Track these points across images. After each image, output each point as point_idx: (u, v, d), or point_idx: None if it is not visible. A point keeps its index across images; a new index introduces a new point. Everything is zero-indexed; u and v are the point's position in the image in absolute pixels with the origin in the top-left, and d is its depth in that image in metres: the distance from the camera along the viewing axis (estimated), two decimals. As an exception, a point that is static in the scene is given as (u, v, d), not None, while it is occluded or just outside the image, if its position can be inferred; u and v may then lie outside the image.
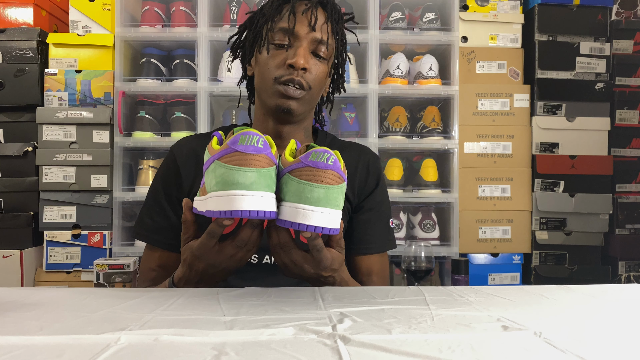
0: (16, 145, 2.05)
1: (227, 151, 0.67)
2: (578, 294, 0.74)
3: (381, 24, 2.13)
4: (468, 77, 2.19)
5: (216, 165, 0.68)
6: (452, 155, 2.12)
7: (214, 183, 0.68)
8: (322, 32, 0.97)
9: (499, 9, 2.22)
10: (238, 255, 0.78)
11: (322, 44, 0.97)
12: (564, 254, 2.18)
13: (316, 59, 0.98)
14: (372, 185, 1.07)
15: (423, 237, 2.09)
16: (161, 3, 2.12)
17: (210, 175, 0.69)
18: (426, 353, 0.47)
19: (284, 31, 0.96)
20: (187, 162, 1.03)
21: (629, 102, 2.25)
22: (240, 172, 0.66)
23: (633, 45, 2.26)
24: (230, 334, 0.52)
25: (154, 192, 1.05)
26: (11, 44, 2.06)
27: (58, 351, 0.46)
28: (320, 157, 0.68)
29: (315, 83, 0.98)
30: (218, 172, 0.67)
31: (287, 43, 0.96)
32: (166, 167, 1.06)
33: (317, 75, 0.98)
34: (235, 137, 0.67)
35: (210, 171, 0.69)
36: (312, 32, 0.96)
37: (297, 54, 0.95)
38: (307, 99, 0.98)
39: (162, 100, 2.15)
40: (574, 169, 2.18)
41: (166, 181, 1.04)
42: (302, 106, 0.98)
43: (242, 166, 0.66)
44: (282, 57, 0.96)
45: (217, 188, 0.67)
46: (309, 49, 0.97)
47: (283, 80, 0.95)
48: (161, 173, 1.06)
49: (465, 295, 0.73)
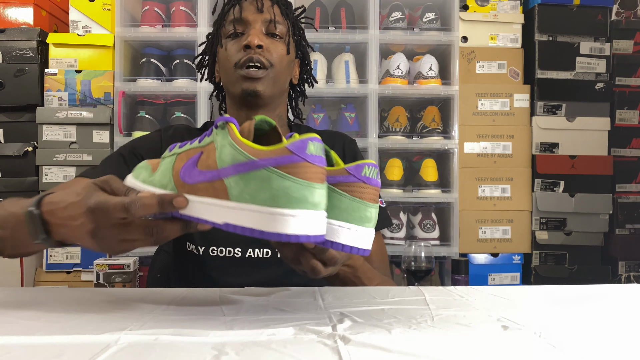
0: (16, 145, 2.04)
1: (291, 159, 0.53)
2: (578, 294, 0.74)
3: (381, 24, 2.13)
4: (468, 77, 2.19)
5: (271, 174, 0.53)
6: (452, 155, 2.12)
7: (265, 196, 0.54)
8: (271, 13, 1.00)
9: (499, 9, 2.22)
10: (132, 243, 0.61)
11: (273, 22, 1.00)
12: (564, 254, 2.18)
13: (272, 38, 1.00)
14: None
15: (423, 237, 2.09)
16: (161, 3, 2.12)
17: (254, 183, 0.54)
18: (426, 353, 0.47)
19: (234, 21, 0.99)
20: (169, 142, 1.02)
21: (629, 102, 2.25)
22: (309, 189, 0.53)
23: (633, 45, 2.26)
24: (230, 334, 0.52)
25: (121, 150, 1.04)
26: (11, 44, 2.06)
27: (58, 351, 0.46)
28: (371, 173, 0.60)
29: (276, 61, 0.99)
30: (276, 185, 0.53)
31: (240, 31, 1.00)
32: (149, 138, 1.07)
33: (276, 53, 0.99)
34: (300, 142, 0.54)
35: (257, 179, 0.54)
36: (260, 14, 0.99)
37: (250, 34, 0.97)
38: (272, 77, 0.99)
39: (162, 100, 2.15)
40: (574, 169, 2.18)
41: (144, 147, 1.04)
42: (267, 86, 0.98)
43: (311, 181, 0.54)
44: (238, 44, 0.99)
45: (270, 203, 0.53)
46: (262, 30, 0.99)
47: (242, 62, 0.96)
48: (139, 141, 1.06)
49: (465, 295, 0.73)
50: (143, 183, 0.64)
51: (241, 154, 0.55)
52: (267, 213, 0.53)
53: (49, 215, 0.63)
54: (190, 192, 0.59)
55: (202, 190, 0.58)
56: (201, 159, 0.59)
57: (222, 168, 0.56)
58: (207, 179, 0.57)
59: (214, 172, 0.57)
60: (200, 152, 0.59)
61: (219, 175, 0.56)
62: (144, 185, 0.64)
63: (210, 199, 0.57)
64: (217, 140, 0.58)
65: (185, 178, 0.59)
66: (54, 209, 0.63)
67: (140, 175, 0.66)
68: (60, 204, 0.63)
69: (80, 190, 0.62)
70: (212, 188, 0.57)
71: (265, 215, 0.53)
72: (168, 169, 0.62)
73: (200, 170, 0.58)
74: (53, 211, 0.63)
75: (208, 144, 0.59)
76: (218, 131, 0.58)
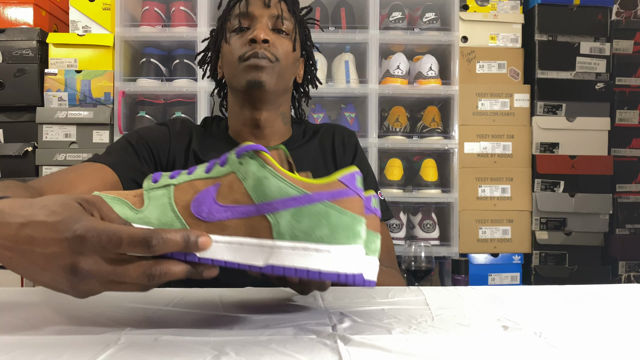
0: (16, 145, 2.05)
1: (346, 193, 0.49)
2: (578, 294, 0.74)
3: (381, 24, 2.13)
4: (468, 77, 2.19)
5: (329, 209, 0.49)
6: (452, 155, 2.12)
7: (322, 232, 0.48)
8: (278, 9, 0.98)
9: (499, 9, 2.22)
10: (119, 286, 0.48)
11: (280, 18, 0.98)
12: (564, 254, 2.18)
13: (278, 34, 0.98)
14: (349, 160, 1.07)
15: (423, 237, 2.09)
16: (161, 3, 2.12)
17: (308, 219, 0.49)
18: (426, 353, 0.47)
19: (240, 15, 0.97)
20: (178, 140, 1.02)
21: (629, 102, 2.25)
22: (362, 224, 0.50)
23: (633, 45, 2.26)
24: (230, 334, 0.52)
25: (128, 138, 0.99)
26: (11, 44, 2.06)
27: (58, 351, 0.46)
28: (376, 203, 0.58)
29: (282, 56, 0.97)
30: (335, 220, 0.49)
31: (246, 26, 0.97)
32: (157, 131, 1.02)
33: (282, 48, 0.97)
34: (350, 175, 0.50)
35: (312, 214, 0.49)
36: (267, 9, 0.97)
37: (256, 29, 0.95)
38: (277, 70, 0.97)
39: (162, 100, 2.15)
40: (574, 169, 2.18)
41: (152, 139, 0.99)
42: (272, 78, 0.96)
43: (362, 215, 0.50)
44: (244, 38, 0.97)
45: (329, 240, 0.49)
46: (269, 25, 0.97)
47: (247, 55, 0.94)
48: (145, 132, 1.02)
49: (465, 295, 0.73)
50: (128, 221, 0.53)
51: (292, 188, 0.49)
52: (326, 251, 0.49)
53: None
54: (211, 231, 0.50)
55: (232, 228, 0.50)
56: (220, 191, 0.51)
57: (264, 203, 0.49)
58: (240, 215, 0.50)
59: (249, 208, 0.50)
60: (216, 183, 0.52)
61: (259, 211, 0.49)
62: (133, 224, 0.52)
63: (246, 238, 0.50)
64: (244, 171, 0.51)
65: (201, 214, 0.51)
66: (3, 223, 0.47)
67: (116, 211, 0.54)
68: (17, 218, 0.47)
69: (57, 208, 0.47)
70: (248, 226, 0.50)
71: (324, 254, 0.49)
72: (165, 203, 0.53)
73: (225, 205, 0.50)
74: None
75: (226, 174, 0.52)
76: (244, 160, 0.51)
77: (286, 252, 0.49)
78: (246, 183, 0.50)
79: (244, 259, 0.49)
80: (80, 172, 0.86)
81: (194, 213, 0.51)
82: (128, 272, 0.46)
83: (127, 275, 0.46)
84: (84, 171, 0.87)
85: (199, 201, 0.51)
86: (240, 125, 1.03)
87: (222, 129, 1.08)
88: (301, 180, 0.49)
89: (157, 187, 0.54)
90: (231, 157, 0.52)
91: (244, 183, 0.50)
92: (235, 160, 0.52)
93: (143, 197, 0.54)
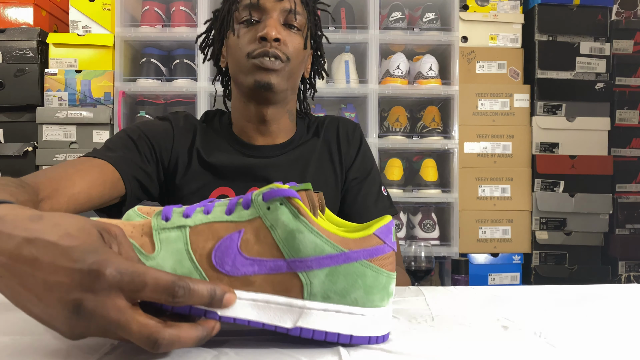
0: (16, 145, 2.05)
1: (382, 250, 0.46)
2: (578, 294, 0.74)
3: (381, 24, 2.13)
4: (468, 77, 2.19)
5: (366, 269, 0.46)
6: (452, 155, 2.12)
7: (357, 294, 0.45)
8: (291, 2, 0.91)
9: (499, 9, 2.22)
10: (120, 334, 0.39)
11: (293, 12, 0.91)
12: (564, 254, 2.18)
13: (289, 29, 0.92)
14: (353, 154, 1.04)
15: (423, 237, 2.09)
16: (161, 3, 2.12)
17: (344, 279, 0.45)
18: (426, 353, 0.47)
19: (250, 7, 0.91)
20: (182, 136, 0.98)
21: (629, 102, 2.25)
22: (393, 282, 0.48)
23: (633, 45, 2.26)
24: (230, 334, 0.52)
25: (129, 132, 0.94)
26: (11, 44, 2.06)
27: (58, 351, 0.46)
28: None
29: (293, 54, 0.91)
30: (371, 282, 0.46)
31: (255, 19, 0.91)
32: (159, 127, 0.97)
33: (293, 46, 0.91)
34: (386, 228, 0.47)
35: (349, 275, 0.45)
36: (279, 2, 0.90)
37: (267, 25, 0.89)
38: (287, 71, 0.91)
39: (162, 100, 2.15)
40: (574, 169, 2.18)
41: (155, 136, 0.94)
42: (282, 80, 0.91)
43: (394, 271, 0.48)
44: (253, 33, 0.91)
45: (363, 302, 0.46)
46: (280, 20, 0.91)
47: (256, 54, 0.89)
48: (148, 127, 0.96)
49: (465, 295, 0.73)
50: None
51: (329, 245, 0.45)
52: (360, 315, 0.46)
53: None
54: (235, 286, 0.45)
55: (258, 284, 0.45)
56: (244, 240, 0.46)
57: (296, 259, 0.45)
58: (268, 270, 0.45)
59: (279, 263, 0.45)
60: (240, 230, 0.46)
61: (291, 268, 0.45)
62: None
63: (273, 296, 0.45)
64: (272, 219, 0.45)
65: (224, 267, 0.45)
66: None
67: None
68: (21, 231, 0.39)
69: (74, 231, 0.40)
70: (276, 282, 0.45)
71: (357, 317, 0.46)
72: (180, 250, 0.46)
73: (252, 257, 0.45)
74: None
75: (250, 219, 0.46)
76: (273, 206, 0.46)
77: (317, 313, 0.45)
78: (275, 233, 0.45)
79: (270, 319, 0.45)
80: (78, 168, 0.80)
81: (216, 265, 0.45)
82: (131, 329, 0.38)
83: (130, 331, 0.38)
84: (82, 167, 0.81)
85: (222, 251, 0.45)
86: (245, 121, 0.98)
87: (225, 125, 1.03)
88: (337, 236, 0.45)
89: (169, 227, 0.47)
90: (257, 200, 0.46)
91: (272, 232, 0.45)
92: (262, 204, 0.46)
93: (152, 237, 0.46)
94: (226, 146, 0.99)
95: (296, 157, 1.00)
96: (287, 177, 0.98)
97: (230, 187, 0.96)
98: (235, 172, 0.97)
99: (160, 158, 0.96)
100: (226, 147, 0.99)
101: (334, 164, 1.03)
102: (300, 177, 0.99)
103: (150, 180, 0.94)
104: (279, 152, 1.00)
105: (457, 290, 0.77)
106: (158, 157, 0.95)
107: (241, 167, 0.97)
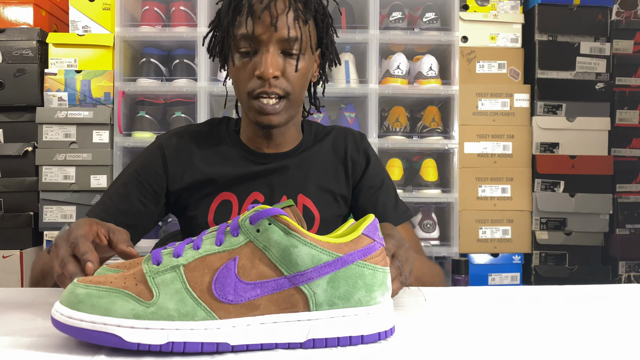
0: (16, 145, 2.05)
1: (374, 247, 0.48)
2: (578, 294, 0.74)
3: (381, 24, 2.13)
4: (468, 77, 2.19)
5: (363, 269, 0.48)
6: (452, 155, 2.12)
7: (359, 295, 0.47)
8: (288, 28, 0.86)
9: (499, 8, 2.22)
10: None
11: (290, 41, 0.87)
12: (564, 254, 2.18)
13: (288, 58, 0.89)
14: (363, 163, 1.04)
15: (423, 237, 2.09)
16: (161, 3, 2.12)
17: (344, 283, 0.47)
18: (426, 353, 0.47)
19: (245, 38, 0.87)
20: (176, 157, 0.98)
21: (629, 102, 2.25)
22: (388, 275, 0.50)
23: (633, 45, 2.26)
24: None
25: (124, 177, 0.99)
26: (11, 44, 2.06)
27: (58, 351, 0.46)
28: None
29: (294, 85, 0.89)
30: (369, 280, 0.48)
31: (251, 49, 0.87)
32: (151, 157, 0.99)
33: (294, 77, 0.89)
34: (372, 225, 0.49)
35: (348, 277, 0.47)
36: (274, 32, 0.86)
37: (263, 63, 0.86)
38: (288, 105, 0.91)
39: (162, 100, 2.15)
40: (574, 169, 2.18)
41: (147, 171, 0.98)
42: (284, 116, 0.91)
43: (387, 265, 0.50)
44: (250, 67, 0.88)
45: (366, 301, 0.47)
46: (278, 51, 0.88)
47: (256, 94, 0.88)
48: (141, 162, 0.99)
49: (465, 295, 0.73)
50: (136, 319, 0.44)
51: (325, 253, 0.46)
52: (365, 314, 0.47)
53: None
54: (241, 314, 0.46)
55: (264, 306, 0.46)
56: (241, 266, 0.46)
57: (297, 274, 0.46)
58: (271, 290, 0.46)
59: (280, 281, 0.46)
60: (234, 257, 0.46)
61: (292, 283, 0.46)
62: (145, 322, 0.45)
63: (280, 314, 0.46)
64: (264, 240, 0.46)
65: (227, 297, 0.46)
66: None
67: (118, 309, 0.45)
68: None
69: (80, 223, 0.72)
70: (281, 301, 0.46)
71: (364, 317, 0.47)
72: (179, 290, 0.46)
73: (252, 282, 0.46)
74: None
75: (242, 244, 0.47)
76: (262, 227, 0.47)
77: (325, 322, 0.46)
78: (270, 253, 0.46)
79: (282, 338, 0.46)
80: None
81: (218, 296, 0.45)
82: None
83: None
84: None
85: (221, 282, 0.46)
86: (252, 134, 0.99)
87: (231, 132, 1.02)
88: (330, 243, 0.47)
89: (162, 270, 0.47)
90: (244, 225, 0.47)
91: (267, 253, 0.46)
92: (251, 227, 0.47)
93: (147, 283, 0.46)
94: (230, 153, 1.00)
95: (300, 161, 1.01)
96: (291, 180, 0.98)
97: (233, 193, 0.97)
98: (238, 179, 0.98)
99: (160, 189, 0.98)
100: (230, 154, 1.00)
101: (337, 171, 1.03)
102: (303, 180, 0.99)
103: (150, 215, 0.99)
104: (284, 158, 1.00)
105: (457, 290, 0.77)
106: (156, 190, 0.98)
107: (244, 174, 0.98)
